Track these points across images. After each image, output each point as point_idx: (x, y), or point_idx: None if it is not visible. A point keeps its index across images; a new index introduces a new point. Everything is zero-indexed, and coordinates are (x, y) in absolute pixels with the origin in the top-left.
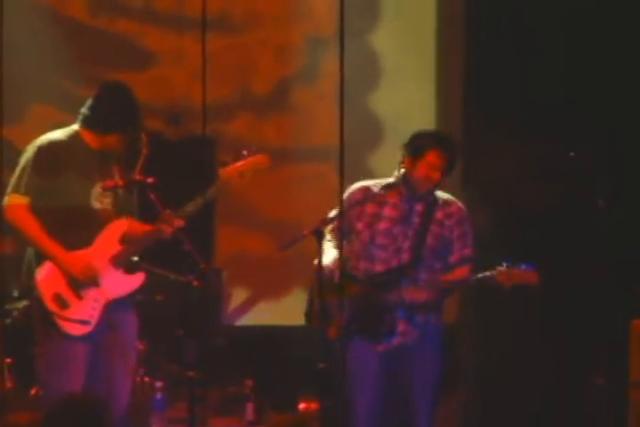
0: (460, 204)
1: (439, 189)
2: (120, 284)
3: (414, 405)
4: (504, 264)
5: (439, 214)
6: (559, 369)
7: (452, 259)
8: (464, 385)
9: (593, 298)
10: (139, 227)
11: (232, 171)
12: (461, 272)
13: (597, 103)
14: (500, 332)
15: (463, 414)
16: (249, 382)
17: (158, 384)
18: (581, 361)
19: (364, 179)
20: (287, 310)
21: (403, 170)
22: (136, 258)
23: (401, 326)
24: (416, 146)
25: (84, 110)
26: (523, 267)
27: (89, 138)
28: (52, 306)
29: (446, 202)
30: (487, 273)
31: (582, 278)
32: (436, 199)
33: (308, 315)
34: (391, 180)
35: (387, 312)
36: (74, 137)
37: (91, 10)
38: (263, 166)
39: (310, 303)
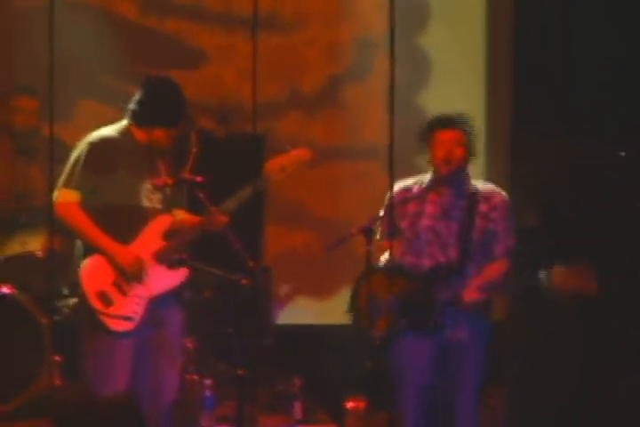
0: (503, 194)
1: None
2: (163, 280)
3: (458, 401)
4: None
5: (483, 207)
6: (602, 370)
7: (498, 251)
8: (508, 384)
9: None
10: (186, 219)
11: (274, 164)
12: (502, 265)
13: None
14: (545, 330)
15: (506, 412)
16: (297, 381)
17: (207, 382)
18: (624, 363)
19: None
20: (335, 309)
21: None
22: (183, 256)
23: (452, 322)
24: (426, 134)
25: (131, 105)
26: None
27: (137, 133)
28: (96, 304)
29: (489, 194)
30: (542, 276)
31: (630, 281)
32: (478, 192)
33: (352, 310)
34: (426, 177)
35: (436, 308)
36: (124, 133)
37: (141, 9)
38: (305, 160)
39: (354, 299)
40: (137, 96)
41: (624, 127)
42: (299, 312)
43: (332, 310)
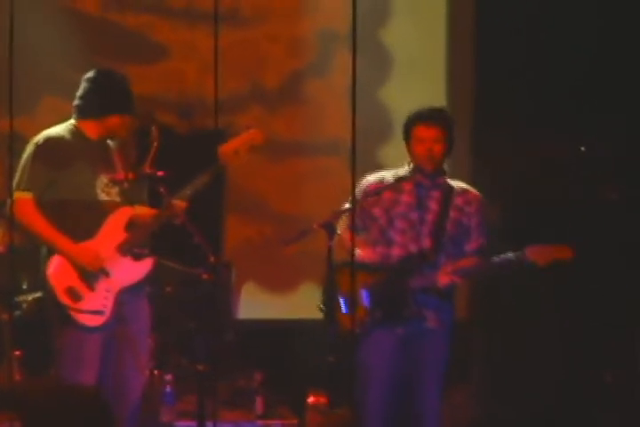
0: (477, 192)
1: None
2: (129, 271)
3: (422, 393)
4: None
5: (458, 200)
6: (570, 363)
7: (469, 247)
8: (474, 376)
9: (605, 293)
10: (146, 212)
11: (227, 148)
12: (474, 259)
13: (608, 97)
14: (511, 324)
15: (473, 405)
16: (258, 376)
17: (168, 377)
18: (592, 356)
19: (374, 172)
20: (296, 304)
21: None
22: (145, 250)
23: (421, 311)
24: (404, 129)
25: (75, 101)
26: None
27: (88, 128)
28: (65, 300)
29: (465, 190)
30: (516, 253)
31: (595, 274)
32: (452, 186)
33: (326, 308)
34: (402, 170)
35: (410, 297)
36: (72, 131)
37: (102, 3)
38: (257, 142)
39: (326, 296)
40: (80, 91)
41: (586, 123)
42: (259, 307)
43: (293, 305)
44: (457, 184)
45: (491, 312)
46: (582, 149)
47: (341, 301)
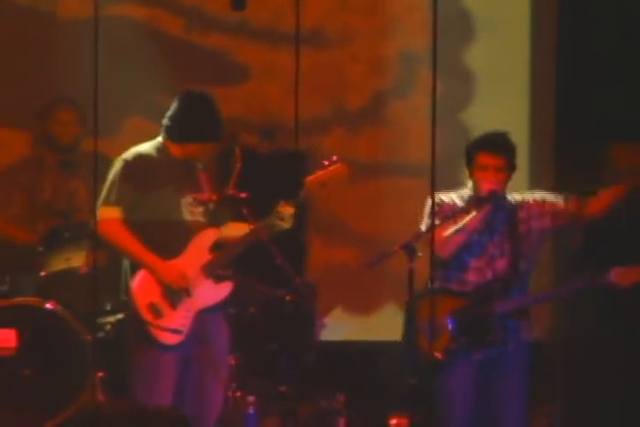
0: (531, 196)
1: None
2: (210, 293)
3: (505, 416)
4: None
5: (522, 214)
6: None
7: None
8: (556, 400)
9: None
10: (234, 233)
11: (314, 180)
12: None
13: None
14: (590, 345)
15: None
16: (340, 398)
17: (250, 399)
18: None
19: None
20: (378, 326)
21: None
22: (228, 271)
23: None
24: (467, 156)
25: (164, 121)
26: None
27: (173, 148)
28: (146, 315)
29: (522, 201)
30: (599, 275)
31: None
32: (513, 202)
33: (407, 333)
34: (465, 193)
35: (494, 323)
36: (159, 149)
37: (185, 24)
38: (343, 175)
39: (408, 322)
40: (170, 111)
41: None
42: (342, 329)
43: (375, 327)
44: (514, 198)
45: (572, 333)
46: None
47: (424, 327)
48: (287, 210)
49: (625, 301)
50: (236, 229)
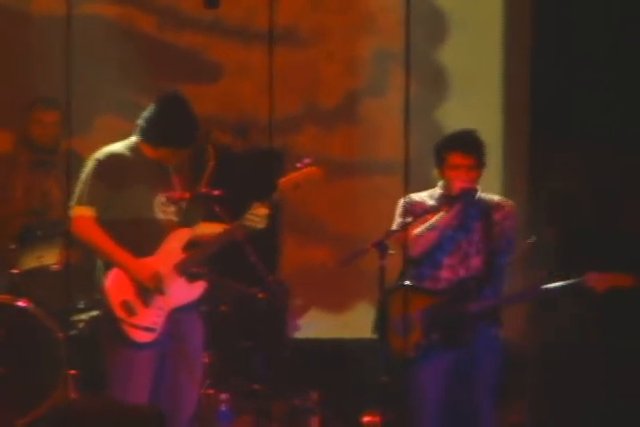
0: (510, 202)
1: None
2: (183, 292)
3: (476, 413)
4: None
5: (497, 216)
6: (621, 383)
7: (510, 259)
8: (528, 396)
9: None
10: (210, 230)
11: (288, 182)
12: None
13: None
14: (563, 345)
15: (529, 423)
16: (314, 395)
17: (223, 396)
18: None
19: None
20: (351, 323)
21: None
22: (201, 270)
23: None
24: (436, 154)
25: (139, 121)
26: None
27: (145, 149)
28: (119, 313)
29: (499, 203)
30: (575, 279)
31: None
32: (488, 202)
33: (378, 329)
34: (437, 192)
35: (468, 322)
36: (132, 148)
37: (159, 23)
38: (317, 178)
39: (379, 317)
40: (146, 113)
41: None
42: (314, 326)
43: (348, 325)
44: (489, 198)
45: (546, 332)
46: None
47: (395, 323)
48: (261, 210)
49: (598, 301)
50: (208, 228)
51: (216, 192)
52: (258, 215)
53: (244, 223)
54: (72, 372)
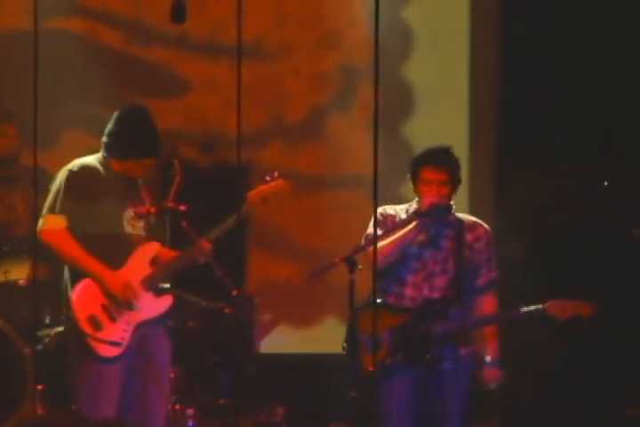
0: (485, 225)
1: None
2: (150, 306)
3: (447, 420)
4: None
5: (469, 237)
6: (592, 398)
7: (481, 282)
8: (496, 418)
9: (627, 328)
10: (168, 253)
11: (256, 195)
12: (490, 299)
13: (635, 131)
14: (531, 360)
15: None
16: (280, 410)
17: (190, 412)
18: (615, 391)
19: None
20: (318, 338)
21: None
22: (167, 284)
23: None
24: (411, 171)
25: (103, 137)
26: (574, 298)
27: (113, 164)
28: (86, 327)
29: (473, 224)
30: (537, 306)
31: (615, 308)
32: (462, 222)
33: (348, 346)
34: (413, 207)
35: (431, 343)
36: (102, 163)
37: (125, 37)
38: (285, 191)
39: (350, 334)
40: (108, 128)
41: (609, 154)
42: (281, 341)
43: (315, 339)
44: (466, 218)
45: (516, 350)
46: (605, 183)
47: (364, 340)
48: (204, 246)
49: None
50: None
51: (182, 207)
52: (201, 249)
53: (188, 255)
54: (39, 387)
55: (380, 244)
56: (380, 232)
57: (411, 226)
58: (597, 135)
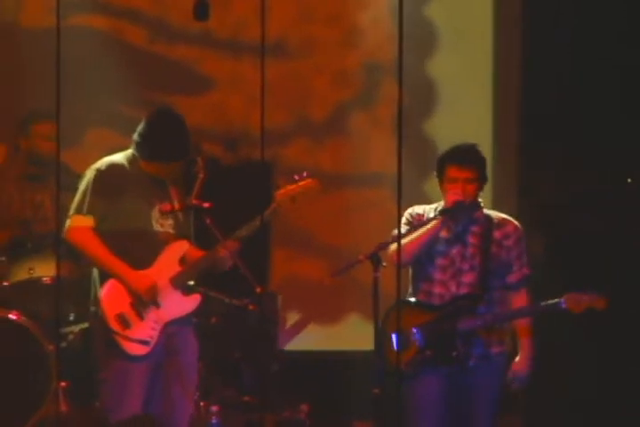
0: (515, 222)
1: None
2: (179, 304)
3: (476, 420)
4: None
5: (497, 234)
6: (616, 392)
7: (512, 279)
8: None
9: None
10: (196, 252)
11: (284, 194)
12: (523, 296)
13: None
14: (556, 353)
15: None
16: (304, 407)
17: (214, 409)
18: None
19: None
20: (342, 336)
21: None
22: (192, 282)
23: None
24: (437, 169)
25: (134, 136)
26: (589, 292)
27: (142, 163)
28: (114, 325)
29: (503, 221)
30: (555, 300)
31: (636, 304)
32: (490, 219)
33: (375, 344)
34: (442, 203)
35: (457, 340)
36: (131, 161)
37: (149, 35)
38: (314, 191)
39: (380, 332)
40: (139, 128)
41: (633, 153)
42: (305, 338)
43: (339, 337)
44: (495, 215)
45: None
46: (629, 180)
47: (393, 337)
48: (231, 244)
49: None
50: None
51: (206, 204)
52: (228, 249)
53: (213, 257)
54: (62, 384)
55: (404, 241)
56: (403, 230)
57: (433, 223)
58: (621, 134)
